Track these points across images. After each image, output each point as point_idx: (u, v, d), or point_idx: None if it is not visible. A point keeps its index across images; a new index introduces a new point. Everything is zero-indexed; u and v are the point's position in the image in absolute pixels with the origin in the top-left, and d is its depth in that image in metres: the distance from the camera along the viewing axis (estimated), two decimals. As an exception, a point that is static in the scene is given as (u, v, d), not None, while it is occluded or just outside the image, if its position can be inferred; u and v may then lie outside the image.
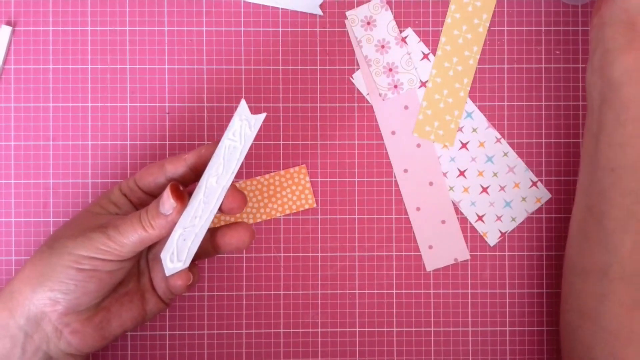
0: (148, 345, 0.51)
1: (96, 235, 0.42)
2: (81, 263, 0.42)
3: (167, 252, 0.43)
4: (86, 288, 0.42)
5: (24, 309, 0.42)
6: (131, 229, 0.42)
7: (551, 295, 0.52)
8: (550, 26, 0.52)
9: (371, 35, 0.52)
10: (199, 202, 0.43)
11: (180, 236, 0.43)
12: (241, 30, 0.52)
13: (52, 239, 0.43)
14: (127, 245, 0.42)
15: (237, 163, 0.43)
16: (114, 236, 0.42)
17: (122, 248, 0.42)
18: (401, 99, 0.52)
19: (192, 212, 0.43)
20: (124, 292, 0.45)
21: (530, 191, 0.52)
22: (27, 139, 0.51)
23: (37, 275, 0.42)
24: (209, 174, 0.43)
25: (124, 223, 0.42)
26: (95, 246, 0.42)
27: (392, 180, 0.52)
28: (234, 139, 0.43)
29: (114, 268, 0.43)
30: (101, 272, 0.42)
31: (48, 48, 0.51)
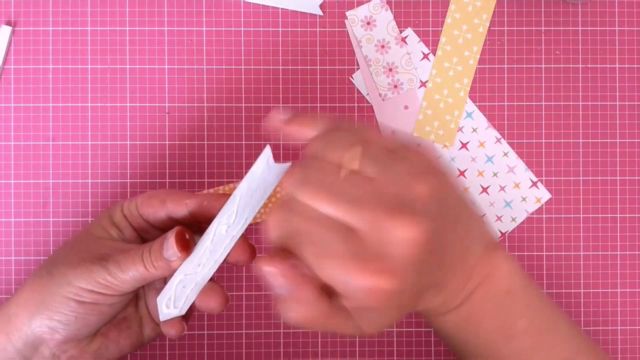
0: (148, 345, 0.51)
1: (97, 268, 0.40)
2: (82, 296, 0.40)
3: (164, 297, 0.41)
4: (87, 320, 0.41)
5: (21, 333, 0.41)
6: (133, 266, 0.40)
7: (551, 295, 0.52)
8: (550, 26, 0.52)
9: (371, 35, 0.52)
10: (205, 250, 0.41)
11: (180, 282, 0.41)
12: (241, 30, 0.52)
13: (51, 263, 0.42)
14: (127, 282, 0.41)
15: (251, 213, 0.40)
16: (114, 272, 0.40)
17: (122, 284, 0.41)
18: (401, 99, 0.52)
19: (196, 260, 0.41)
20: (122, 317, 0.44)
21: (530, 191, 0.52)
22: (27, 139, 0.51)
23: (36, 302, 0.41)
24: (219, 221, 0.40)
25: (125, 260, 0.41)
26: (95, 280, 0.40)
27: (392, 180, 0.52)
28: (251, 186, 0.40)
29: (115, 301, 0.42)
30: (102, 306, 0.41)
31: (48, 48, 0.51)
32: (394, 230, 0.34)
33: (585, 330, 0.52)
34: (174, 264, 0.40)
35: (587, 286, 0.52)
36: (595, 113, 0.52)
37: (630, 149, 0.52)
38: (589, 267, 0.52)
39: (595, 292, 0.52)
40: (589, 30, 0.52)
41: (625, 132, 0.52)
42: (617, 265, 0.52)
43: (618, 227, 0.52)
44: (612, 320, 0.52)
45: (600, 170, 0.52)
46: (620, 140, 0.52)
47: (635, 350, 0.52)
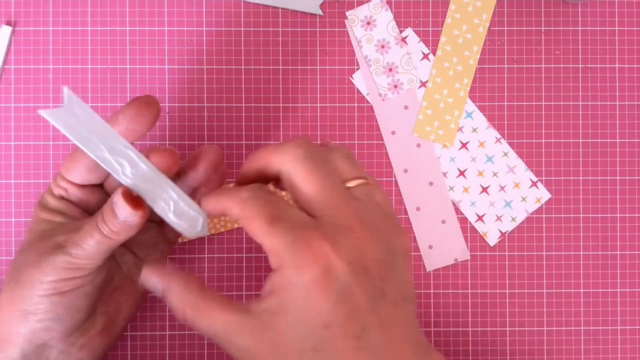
0: (148, 345, 0.51)
1: (58, 257, 0.39)
2: (58, 288, 0.39)
3: (187, 230, 0.41)
4: (77, 306, 0.40)
5: (17, 348, 0.40)
6: (92, 240, 0.39)
7: (551, 295, 0.52)
8: (550, 26, 0.52)
9: (371, 35, 0.52)
10: (145, 185, 0.40)
11: (176, 216, 0.40)
12: (241, 30, 0.52)
13: (16, 271, 0.41)
14: (94, 256, 0.39)
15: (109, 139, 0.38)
16: (76, 253, 0.39)
17: (90, 260, 0.39)
18: (401, 99, 0.52)
19: (157, 202, 0.40)
20: (112, 289, 0.43)
21: (530, 191, 0.52)
22: (27, 139, 0.51)
23: (17, 314, 0.40)
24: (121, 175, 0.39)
25: (82, 237, 0.39)
26: (62, 268, 0.39)
27: (392, 180, 0.52)
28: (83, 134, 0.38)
29: (93, 278, 0.40)
30: (84, 287, 0.40)
31: (48, 48, 0.51)
32: (303, 276, 0.35)
33: (586, 330, 0.52)
34: (136, 221, 0.39)
35: (587, 286, 0.52)
36: (595, 113, 0.52)
37: (630, 149, 0.52)
38: (588, 267, 0.52)
39: (595, 292, 0.52)
40: (589, 30, 0.52)
41: (625, 132, 0.52)
42: (617, 265, 0.52)
43: (618, 227, 0.52)
44: (612, 320, 0.52)
45: (600, 170, 0.52)
46: (620, 140, 0.52)
47: (635, 350, 0.52)
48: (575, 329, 0.52)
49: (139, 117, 0.39)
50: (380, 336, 0.35)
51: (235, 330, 0.36)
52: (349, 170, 0.39)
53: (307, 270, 0.35)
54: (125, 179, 0.40)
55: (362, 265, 0.36)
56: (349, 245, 0.35)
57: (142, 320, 0.51)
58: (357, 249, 0.36)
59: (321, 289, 0.35)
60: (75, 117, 0.38)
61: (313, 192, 0.37)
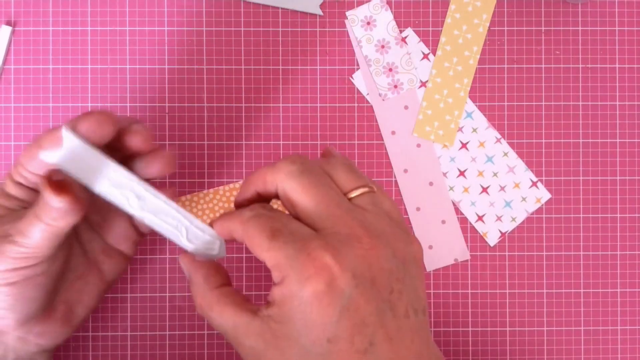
0: (148, 345, 0.51)
1: (6, 246, 0.38)
2: (7, 278, 0.38)
3: (205, 254, 0.40)
4: (29, 297, 0.39)
5: None
6: (34, 228, 0.37)
7: (551, 295, 0.52)
8: (550, 26, 0.52)
9: (371, 35, 0.52)
10: (155, 216, 0.39)
11: (190, 242, 0.40)
12: (241, 30, 0.52)
13: None
14: (41, 245, 0.38)
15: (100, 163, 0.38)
16: (22, 242, 0.38)
17: (38, 249, 0.38)
18: (401, 99, 0.52)
19: (168, 229, 0.40)
20: (75, 277, 0.42)
21: (530, 191, 0.52)
22: (27, 139, 0.51)
23: None
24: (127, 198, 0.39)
25: (25, 225, 0.38)
26: (10, 257, 0.38)
27: (392, 180, 0.52)
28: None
29: (44, 268, 0.39)
30: (34, 277, 0.39)
31: (48, 48, 0.51)
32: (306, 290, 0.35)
33: (586, 330, 0.52)
34: (67, 209, 0.37)
35: (587, 286, 0.52)
36: (595, 113, 0.52)
37: (630, 149, 0.52)
38: (589, 267, 0.52)
39: (595, 292, 0.52)
40: (589, 30, 0.52)
41: (625, 132, 0.52)
42: (617, 265, 0.52)
43: (618, 227, 0.52)
44: (612, 320, 0.52)
45: (600, 170, 0.52)
46: (620, 140, 0.52)
47: (635, 350, 0.52)
48: (575, 329, 0.52)
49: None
50: (388, 351, 0.34)
51: (242, 331, 0.36)
52: (350, 179, 0.38)
53: (309, 283, 0.34)
54: (132, 210, 0.40)
55: (368, 276, 0.35)
56: (353, 255, 0.35)
57: (142, 321, 0.51)
58: (363, 259, 0.35)
59: (324, 303, 0.34)
60: (76, 155, 0.38)
61: (312, 205, 0.36)
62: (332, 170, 0.38)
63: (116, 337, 0.51)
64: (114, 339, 0.51)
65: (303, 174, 0.37)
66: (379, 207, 0.38)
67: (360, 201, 0.37)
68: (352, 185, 0.38)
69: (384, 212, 0.37)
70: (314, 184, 0.37)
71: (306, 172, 0.37)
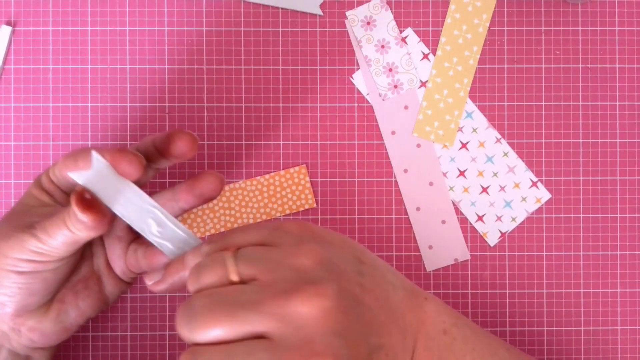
0: (148, 345, 0.51)
1: (27, 237, 0.39)
2: (18, 266, 0.40)
3: (171, 252, 0.41)
4: (31, 290, 0.40)
5: None
6: (58, 231, 0.39)
7: (551, 295, 0.52)
8: (550, 26, 0.52)
9: (371, 35, 0.52)
10: (170, 243, 0.40)
11: (154, 235, 0.41)
12: (241, 30, 0.52)
13: None
14: (58, 247, 0.39)
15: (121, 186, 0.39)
16: (43, 238, 0.39)
17: (54, 250, 0.39)
18: (401, 99, 0.52)
19: (171, 249, 0.40)
20: (77, 279, 0.43)
21: (530, 191, 0.52)
22: (27, 139, 0.51)
23: None
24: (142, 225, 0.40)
25: (50, 225, 0.39)
26: (27, 248, 0.39)
27: (392, 180, 0.52)
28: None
29: (55, 267, 0.40)
30: (43, 273, 0.40)
31: (48, 48, 0.51)
32: (299, 309, 0.33)
33: (586, 330, 0.52)
34: (90, 225, 0.38)
35: (587, 286, 0.52)
36: (595, 113, 0.52)
37: (630, 149, 0.52)
38: (589, 267, 0.52)
39: (595, 292, 0.52)
40: (589, 30, 0.52)
41: (625, 132, 0.52)
42: (617, 265, 0.52)
43: (618, 227, 0.52)
44: (612, 320, 0.52)
45: (600, 170, 0.52)
46: (620, 140, 0.52)
47: (635, 350, 0.52)
48: (575, 329, 0.52)
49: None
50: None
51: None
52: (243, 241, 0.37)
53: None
54: (153, 237, 0.40)
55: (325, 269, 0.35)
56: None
57: (143, 321, 0.51)
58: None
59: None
60: (102, 177, 0.39)
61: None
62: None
63: (116, 337, 0.51)
64: (114, 339, 0.51)
65: (193, 318, 0.35)
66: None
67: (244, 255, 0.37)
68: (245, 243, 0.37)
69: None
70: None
71: (193, 315, 0.35)
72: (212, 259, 0.36)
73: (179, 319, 0.35)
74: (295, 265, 0.35)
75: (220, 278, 0.35)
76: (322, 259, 0.36)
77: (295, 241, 0.36)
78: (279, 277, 0.35)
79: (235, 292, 0.34)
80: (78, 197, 0.38)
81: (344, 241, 0.38)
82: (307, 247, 0.36)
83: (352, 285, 0.36)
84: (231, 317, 0.33)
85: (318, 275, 0.35)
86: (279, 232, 0.37)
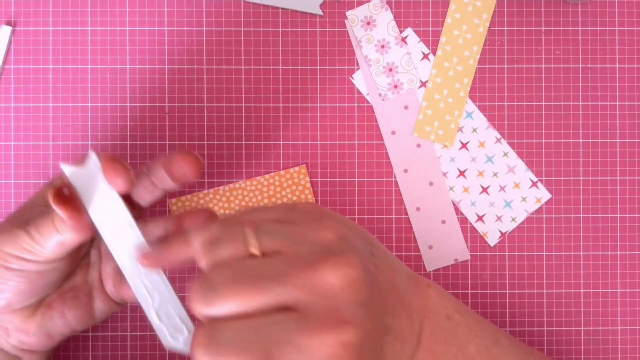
0: (148, 345, 0.51)
1: (21, 233, 0.39)
2: (8, 261, 0.39)
3: (165, 338, 0.40)
4: (16, 288, 0.40)
5: None
6: (47, 230, 0.39)
7: (551, 295, 0.52)
8: (550, 26, 0.52)
9: (371, 35, 0.52)
10: (136, 275, 0.39)
11: (158, 317, 0.39)
12: (241, 30, 0.52)
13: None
14: (47, 247, 0.39)
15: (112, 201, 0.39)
16: (34, 235, 0.39)
17: (43, 249, 0.39)
18: (401, 99, 0.52)
19: (141, 289, 0.39)
20: (69, 287, 0.43)
21: (530, 191, 0.52)
22: (27, 139, 0.51)
23: None
24: (117, 248, 0.39)
25: (42, 222, 0.39)
26: (19, 244, 0.39)
27: (392, 180, 0.52)
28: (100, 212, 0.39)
29: (42, 269, 0.40)
30: (30, 273, 0.40)
31: (48, 48, 0.51)
32: (328, 278, 0.33)
33: (586, 330, 0.52)
34: (71, 225, 0.38)
35: (587, 286, 0.52)
36: (595, 113, 0.52)
37: (630, 149, 0.52)
38: (589, 267, 0.52)
39: (595, 292, 0.52)
40: (589, 30, 0.52)
41: (625, 132, 0.52)
42: (617, 265, 0.52)
43: (618, 227, 0.52)
44: (612, 320, 0.52)
45: (600, 170, 0.52)
46: (620, 140, 0.52)
47: (635, 350, 0.52)
48: (575, 329, 0.52)
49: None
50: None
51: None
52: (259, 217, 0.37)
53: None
54: (115, 252, 0.39)
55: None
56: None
57: (143, 321, 0.51)
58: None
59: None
60: (91, 180, 0.39)
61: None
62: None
63: (116, 337, 0.51)
64: (114, 339, 0.51)
65: (214, 290, 0.35)
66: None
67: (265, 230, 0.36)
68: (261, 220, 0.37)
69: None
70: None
71: (214, 286, 0.35)
72: (229, 233, 0.35)
73: (194, 293, 0.34)
74: (318, 239, 0.35)
75: (239, 251, 0.34)
76: (343, 234, 0.36)
77: (313, 218, 0.36)
78: (303, 250, 0.34)
79: (260, 264, 0.34)
80: (55, 191, 0.38)
81: (354, 224, 0.38)
82: (328, 223, 0.36)
83: (370, 264, 0.36)
84: (257, 288, 0.33)
85: (341, 247, 0.35)
86: (296, 211, 0.37)
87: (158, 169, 0.40)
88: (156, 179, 0.40)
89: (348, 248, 0.35)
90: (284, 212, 0.37)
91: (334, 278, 0.33)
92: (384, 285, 0.36)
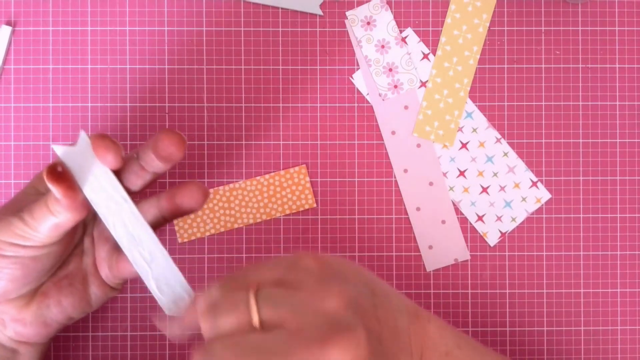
0: (148, 345, 0.51)
1: (14, 219, 0.39)
2: (2, 249, 0.39)
3: (167, 306, 0.40)
4: (11, 275, 0.40)
5: None
6: (41, 213, 0.39)
7: (551, 295, 0.52)
8: (550, 26, 0.52)
9: (371, 35, 0.52)
10: (132, 244, 0.39)
11: (158, 287, 0.40)
12: (241, 30, 0.52)
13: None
14: (42, 230, 0.39)
15: (107, 180, 0.39)
16: (28, 221, 0.39)
17: (38, 234, 0.39)
18: (401, 99, 0.52)
19: (138, 259, 0.39)
20: (64, 275, 0.43)
21: (530, 191, 0.52)
22: (27, 139, 0.51)
23: None
24: (111, 221, 0.39)
25: (35, 207, 0.39)
26: (12, 231, 0.39)
27: (392, 180, 0.52)
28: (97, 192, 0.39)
29: (37, 254, 0.40)
30: (24, 259, 0.40)
31: (48, 48, 0.51)
32: (335, 358, 0.32)
33: (586, 330, 0.52)
34: (66, 204, 0.38)
35: (587, 286, 0.52)
36: (595, 113, 0.52)
37: (630, 149, 0.52)
38: (589, 267, 0.52)
39: (595, 292, 0.52)
40: (589, 30, 0.52)
41: (625, 132, 0.52)
42: (617, 265, 0.52)
43: (618, 227, 0.52)
44: (612, 320, 0.52)
45: (600, 170, 0.52)
46: (620, 140, 0.52)
47: (635, 350, 0.52)
48: (575, 329, 0.52)
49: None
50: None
51: None
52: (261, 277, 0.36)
53: None
54: (112, 229, 0.40)
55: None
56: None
57: (143, 321, 0.51)
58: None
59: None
60: (83, 158, 0.39)
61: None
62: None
63: (116, 337, 0.51)
64: (114, 339, 0.51)
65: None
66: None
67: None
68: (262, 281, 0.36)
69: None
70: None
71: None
72: (229, 300, 0.35)
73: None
74: (323, 310, 0.34)
75: (240, 323, 0.34)
76: (347, 300, 0.35)
77: (317, 280, 0.35)
78: (307, 324, 0.33)
79: (263, 341, 0.33)
80: (50, 169, 0.38)
81: (357, 272, 0.38)
82: (332, 289, 0.35)
83: (372, 321, 0.35)
84: None
85: (347, 320, 0.34)
86: (297, 269, 0.36)
87: (146, 152, 0.40)
88: (144, 162, 0.40)
89: (353, 319, 0.34)
90: (286, 271, 0.36)
91: (341, 358, 0.33)
92: (386, 336, 0.36)
